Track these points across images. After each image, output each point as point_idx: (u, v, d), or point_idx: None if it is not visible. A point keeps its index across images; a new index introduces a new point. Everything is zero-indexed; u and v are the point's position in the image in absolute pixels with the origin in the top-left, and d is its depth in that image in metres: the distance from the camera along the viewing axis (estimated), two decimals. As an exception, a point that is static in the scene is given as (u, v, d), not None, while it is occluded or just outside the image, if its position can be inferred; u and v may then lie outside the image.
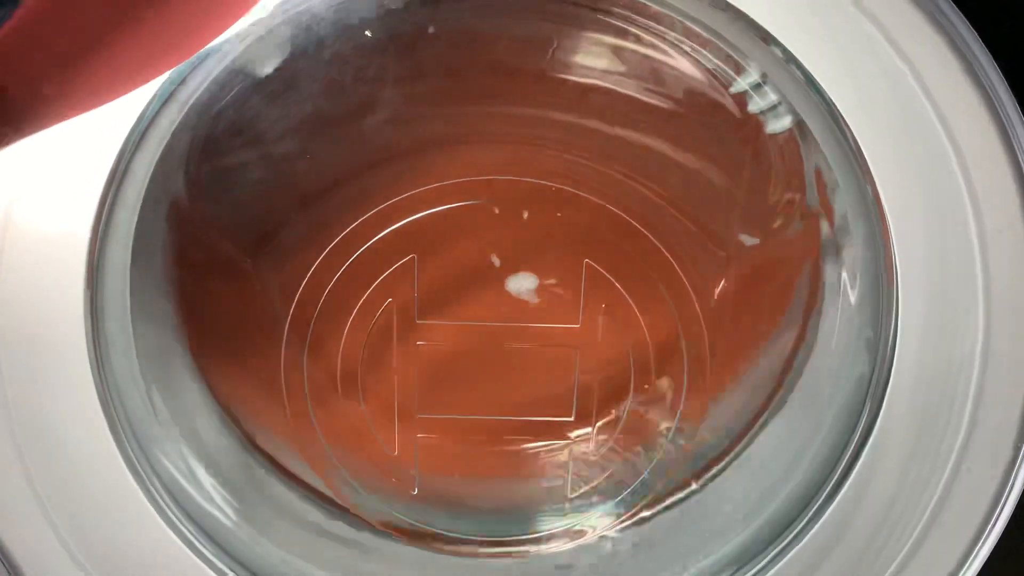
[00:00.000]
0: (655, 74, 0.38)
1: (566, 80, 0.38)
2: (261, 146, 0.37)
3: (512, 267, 0.40)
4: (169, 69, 0.28)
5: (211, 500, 0.39)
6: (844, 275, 0.38)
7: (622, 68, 0.38)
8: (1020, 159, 0.32)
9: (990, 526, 0.34)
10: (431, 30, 0.37)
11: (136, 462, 0.35)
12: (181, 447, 0.39)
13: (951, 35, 0.31)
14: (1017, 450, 0.34)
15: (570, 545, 0.43)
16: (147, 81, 0.26)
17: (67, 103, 0.24)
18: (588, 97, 0.38)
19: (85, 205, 0.33)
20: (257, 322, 0.40)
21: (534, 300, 0.40)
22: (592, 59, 0.38)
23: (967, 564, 0.35)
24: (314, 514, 0.42)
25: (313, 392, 0.41)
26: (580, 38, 0.38)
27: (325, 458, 0.42)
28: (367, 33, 0.36)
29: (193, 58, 0.32)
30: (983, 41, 0.32)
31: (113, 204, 0.33)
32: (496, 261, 0.40)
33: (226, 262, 0.39)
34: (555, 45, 0.38)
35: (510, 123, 0.39)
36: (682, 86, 0.38)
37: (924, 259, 0.33)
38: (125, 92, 0.25)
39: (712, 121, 0.38)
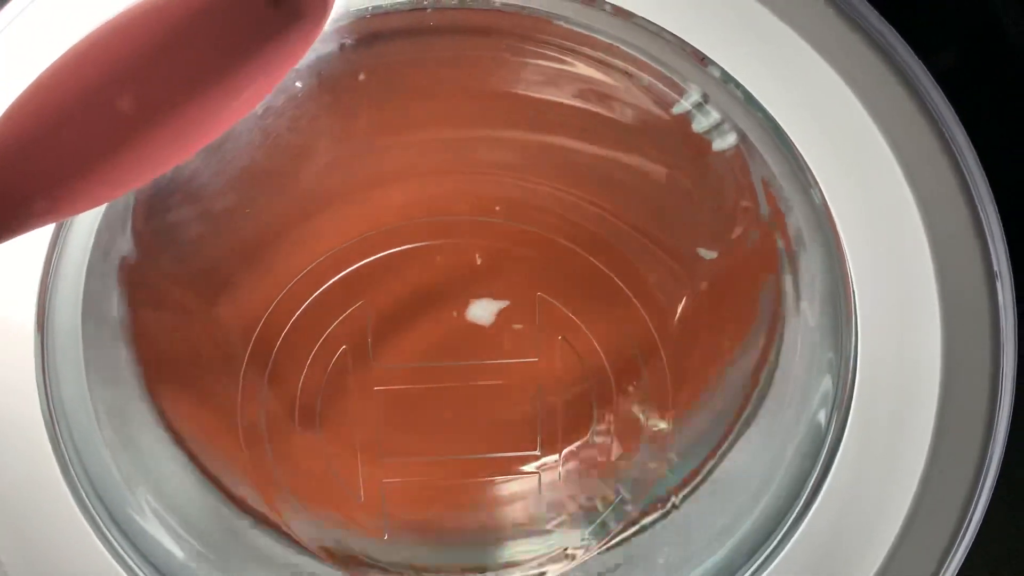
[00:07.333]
0: (598, 97, 0.38)
1: (510, 103, 0.38)
2: (201, 202, 0.37)
3: (465, 302, 0.40)
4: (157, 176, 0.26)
5: (183, 551, 0.38)
6: (802, 290, 0.38)
7: (565, 93, 0.38)
8: (959, 161, 0.32)
9: (964, 526, 0.34)
10: (361, 77, 0.36)
11: (100, 522, 0.35)
12: (149, 502, 0.38)
13: (879, 43, 0.31)
14: (985, 449, 0.34)
15: (550, 573, 0.42)
16: (131, 189, 0.26)
17: (54, 214, 0.24)
18: (533, 119, 0.38)
19: (28, 271, 0.32)
20: (217, 372, 0.40)
21: (491, 322, 0.40)
22: (535, 87, 0.38)
23: (945, 566, 0.35)
24: (291, 558, 0.42)
25: (274, 440, 0.40)
26: (521, 67, 0.38)
27: (291, 506, 0.41)
28: (298, 84, 0.36)
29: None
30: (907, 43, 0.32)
31: (57, 267, 0.33)
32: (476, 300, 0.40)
33: (180, 315, 0.39)
34: (495, 74, 0.38)
35: (453, 149, 0.39)
36: (626, 108, 0.38)
37: (878, 269, 0.33)
38: (108, 200, 0.26)
39: (660, 140, 0.38)
